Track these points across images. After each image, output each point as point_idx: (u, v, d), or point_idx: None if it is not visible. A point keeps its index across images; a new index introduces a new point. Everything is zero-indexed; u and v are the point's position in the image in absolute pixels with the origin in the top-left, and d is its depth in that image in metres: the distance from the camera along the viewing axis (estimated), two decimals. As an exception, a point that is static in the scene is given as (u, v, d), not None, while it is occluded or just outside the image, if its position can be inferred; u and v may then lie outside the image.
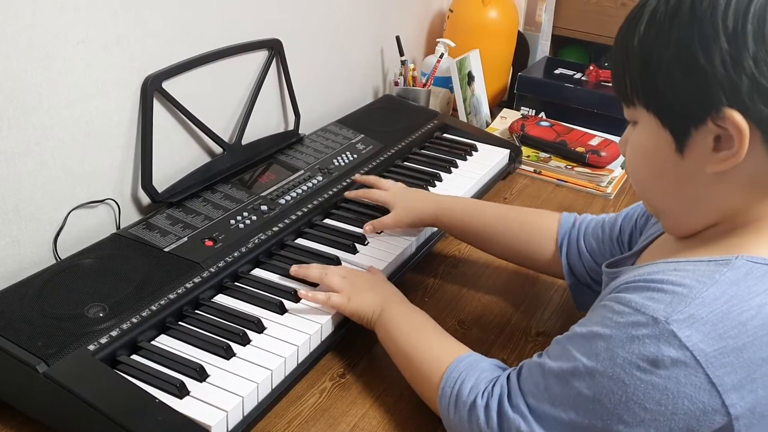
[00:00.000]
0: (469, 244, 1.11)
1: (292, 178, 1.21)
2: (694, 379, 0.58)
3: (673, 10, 0.62)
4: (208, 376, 0.80)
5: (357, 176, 1.23)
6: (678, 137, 0.64)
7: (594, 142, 1.55)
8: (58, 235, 1.00)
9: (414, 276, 1.11)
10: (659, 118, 0.65)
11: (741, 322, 0.58)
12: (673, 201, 0.70)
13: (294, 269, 0.97)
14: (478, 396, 0.73)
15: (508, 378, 0.73)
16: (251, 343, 0.86)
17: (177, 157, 1.16)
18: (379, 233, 1.11)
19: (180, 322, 0.88)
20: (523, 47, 1.96)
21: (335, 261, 1.02)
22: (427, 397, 0.82)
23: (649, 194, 0.74)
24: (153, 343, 0.85)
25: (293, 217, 1.10)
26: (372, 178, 1.21)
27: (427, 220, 1.10)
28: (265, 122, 1.36)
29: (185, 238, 1.00)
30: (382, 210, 1.16)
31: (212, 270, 0.95)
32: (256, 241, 1.03)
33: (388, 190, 1.15)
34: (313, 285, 0.96)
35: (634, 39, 0.65)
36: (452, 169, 1.38)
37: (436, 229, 1.16)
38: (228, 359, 0.83)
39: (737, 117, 0.59)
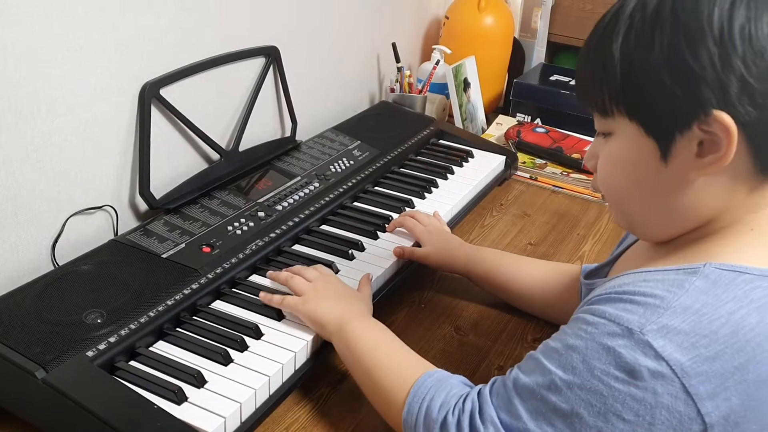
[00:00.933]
0: (494, 294, 1.09)
1: (289, 184, 1.22)
2: (670, 389, 0.58)
3: (653, 16, 0.62)
4: (206, 382, 0.80)
5: (401, 215, 1.20)
6: (663, 144, 0.64)
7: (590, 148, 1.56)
8: (56, 241, 1.00)
9: (411, 282, 1.12)
10: (643, 126, 0.65)
11: (712, 330, 0.58)
12: (652, 210, 0.69)
13: (269, 273, 0.99)
14: (449, 413, 0.70)
15: (479, 393, 0.70)
16: (249, 349, 0.86)
17: (174, 163, 1.17)
18: (376, 239, 1.13)
19: (178, 329, 0.89)
20: (518, 54, 1.97)
21: (331, 267, 1.03)
22: (390, 415, 0.78)
23: (626, 206, 0.72)
24: (151, 349, 0.85)
25: (290, 223, 1.11)
26: (412, 212, 1.19)
27: (456, 268, 1.09)
28: (262, 129, 1.36)
29: (183, 245, 1.00)
30: (383, 218, 1.17)
31: (210, 276, 0.95)
32: (254, 247, 1.03)
33: (426, 226, 1.14)
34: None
35: (612, 46, 0.65)
36: (448, 175, 1.38)
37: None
38: (226, 365, 0.83)
39: (727, 119, 0.60)
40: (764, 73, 0.58)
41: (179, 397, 0.77)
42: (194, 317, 0.91)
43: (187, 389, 0.79)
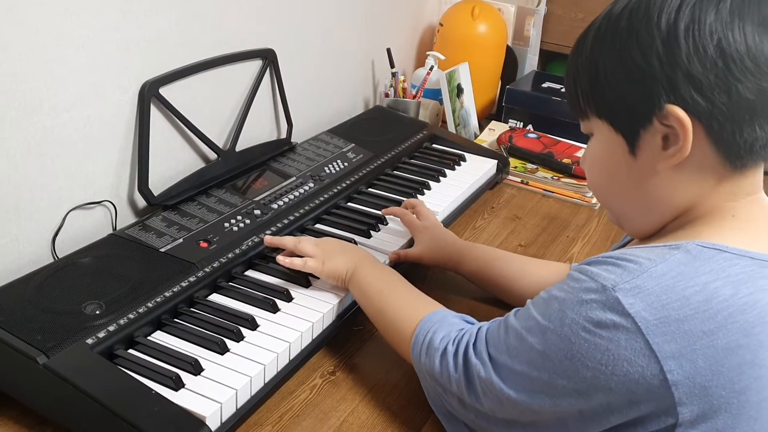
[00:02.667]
0: (486, 291, 1.12)
1: (284, 184, 1.24)
2: (633, 344, 0.62)
3: (613, 25, 0.69)
4: (202, 369, 0.82)
5: (406, 200, 1.25)
6: (629, 139, 0.70)
7: (580, 153, 1.59)
8: (56, 234, 1.02)
9: (403, 276, 1.14)
10: (611, 124, 0.71)
11: (684, 296, 0.62)
12: (631, 203, 0.75)
13: (268, 239, 1.05)
14: (449, 344, 0.79)
15: (478, 329, 0.78)
16: (245, 339, 0.88)
17: (173, 161, 1.19)
18: (377, 230, 1.18)
19: (175, 319, 0.91)
20: (511, 61, 2.00)
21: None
22: (400, 346, 0.88)
23: (609, 200, 0.79)
24: (149, 338, 0.87)
25: (285, 221, 1.13)
26: (416, 201, 1.23)
27: (449, 265, 1.12)
28: (259, 130, 1.39)
29: (180, 240, 1.03)
30: (376, 218, 1.19)
31: (207, 270, 0.98)
32: (250, 243, 1.05)
33: (423, 221, 1.16)
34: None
35: (582, 55, 0.73)
36: (441, 178, 1.41)
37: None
38: (222, 354, 0.85)
39: (679, 112, 0.65)
40: (708, 67, 0.64)
41: (177, 384, 0.79)
42: (191, 308, 0.93)
43: (185, 376, 0.81)
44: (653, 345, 0.61)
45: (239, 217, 1.11)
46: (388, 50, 1.71)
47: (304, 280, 1.00)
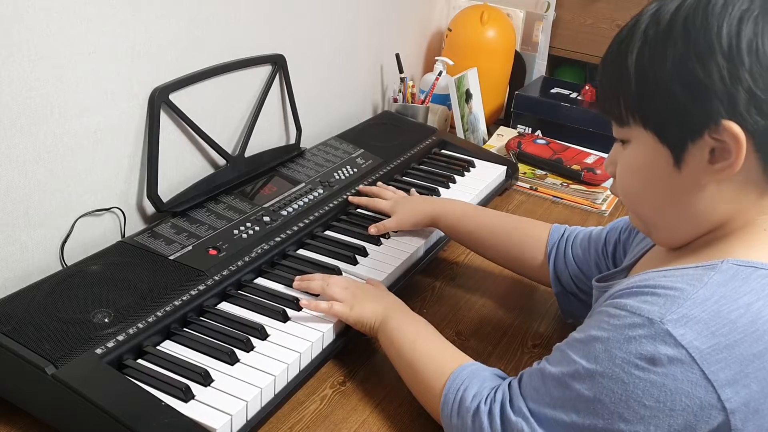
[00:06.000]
0: (463, 245, 1.16)
1: (293, 190, 1.23)
2: (690, 376, 0.60)
3: (665, 31, 0.66)
4: (212, 380, 0.82)
5: (361, 187, 1.27)
6: (676, 152, 0.67)
7: (589, 160, 1.58)
8: (65, 241, 1.02)
9: (413, 287, 1.13)
10: (657, 135, 0.68)
11: (731, 320, 0.61)
12: (667, 215, 0.73)
13: (297, 282, 0.99)
14: (481, 402, 0.74)
15: (509, 384, 0.75)
16: (255, 349, 0.87)
17: (182, 167, 1.18)
18: (387, 237, 1.17)
19: (185, 329, 0.90)
20: (520, 66, 1.99)
21: (336, 271, 1.04)
22: (429, 404, 0.84)
23: (643, 210, 0.76)
24: (158, 348, 0.87)
25: (295, 228, 1.12)
26: (375, 189, 1.26)
27: (425, 220, 1.15)
28: (268, 135, 1.38)
29: (189, 247, 1.02)
30: (383, 219, 1.19)
31: (216, 278, 0.97)
32: (259, 251, 1.05)
33: (390, 200, 1.20)
34: (315, 296, 0.98)
35: (628, 60, 0.68)
36: (450, 184, 1.40)
37: (424, 242, 1.18)
38: (232, 365, 0.84)
39: (735, 128, 0.63)
40: None
41: (186, 395, 0.78)
42: (201, 318, 0.92)
43: (195, 387, 0.80)
44: (709, 375, 0.60)
45: (248, 224, 1.10)
46: (397, 55, 1.70)
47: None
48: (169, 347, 0.87)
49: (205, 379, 0.81)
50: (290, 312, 0.95)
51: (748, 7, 0.63)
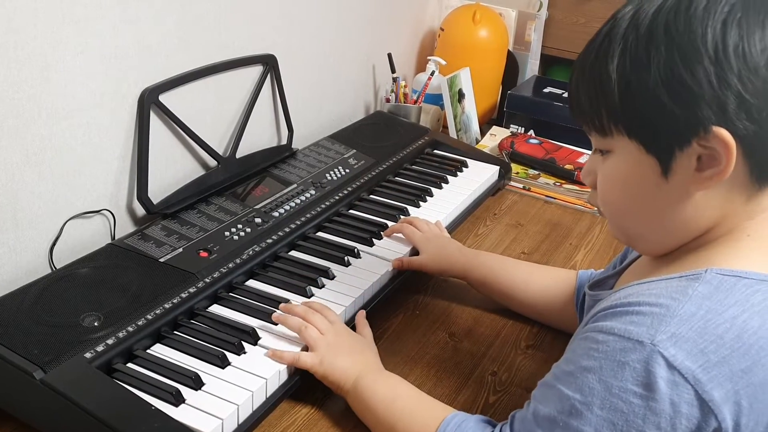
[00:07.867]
0: (492, 298, 1.10)
1: (285, 191, 1.23)
2: (686, 397, 0.59)
3: (647, 36, 0.63)
4: (203, 384, 0.81)
5: (402, 219, 1.22)
6: (663, 161, 0.65)
7: (582, 159, 1.58)
8: (54, 244, 1.01)
9: (406, 288, 1.13)
10: (643, 144, 0.66)
11: (718, 335, 0.59)
12: (651, 225, 0.71)
13: (276, 316, 0.92)
14: None
15: (500, 430, 0.71)
16: (246, 352, 0.87)
17: (172, 169, 1.17)
18: (379, 238, 1.16)
19: (175, 332, 0.89)
20: (512, 66, 1.99)
21: (327, 273, 1.04)
22: None
23: (626, 222, 0.74)
24: (149, 351, 0.86)
25: (287, 229, 1.12)
26: (411, 218, 1.21)
27: (454, 273, 1.10)
28: (259, 136, 1.37)
29: (180, 249, 1.01)
30: (378, 225, 1.18)
31: (207, 280, 0.96)
32: (251, 252, 1.04)
33: (424, 233, 1.15)
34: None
35: (608, 67, 0.66)
36: (443, 184, 1.40)
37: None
38: (223, 368, 0.84)
39: (725, 134, 0.61)
40: (760, 89, 0.60)
41: (177, 399, 0.78)
42: (192, 321, 0.91)
43: (185, 391, 0.79)
44: (703, 395, 0.59)
45: (240, 226, 1.09)
46: (389, 55, 1.70)
47: (305, 289, 0.99)
48: (159, 351, 0.86)
49: (195, 382, 0.80)
50: (282, 314, 0.94)
51: (730, 9, 0.61)
